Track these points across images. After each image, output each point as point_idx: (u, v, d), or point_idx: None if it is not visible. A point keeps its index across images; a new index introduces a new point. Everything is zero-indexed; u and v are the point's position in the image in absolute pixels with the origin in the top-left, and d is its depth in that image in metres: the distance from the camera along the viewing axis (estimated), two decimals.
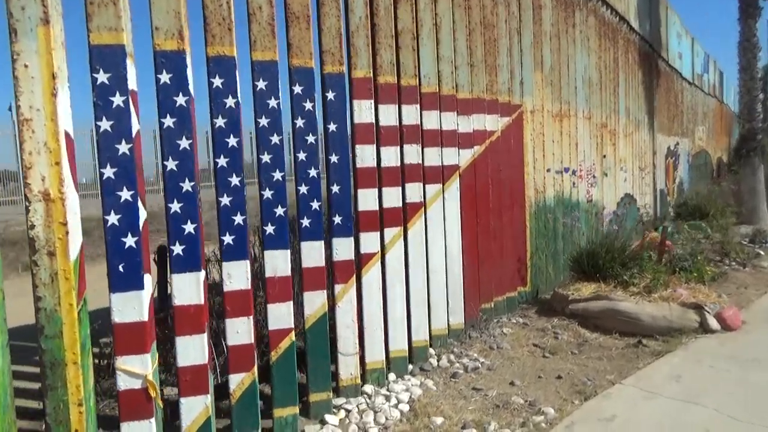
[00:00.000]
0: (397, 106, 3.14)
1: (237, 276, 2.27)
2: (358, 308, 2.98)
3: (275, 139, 2.43)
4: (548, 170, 5.00)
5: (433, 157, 3.50)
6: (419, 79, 3.36)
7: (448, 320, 3.68)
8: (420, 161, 3.35)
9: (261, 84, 2.37)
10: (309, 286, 2.63)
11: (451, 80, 3.64)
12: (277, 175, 2.42)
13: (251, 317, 2.29)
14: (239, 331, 2.28)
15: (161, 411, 2.10)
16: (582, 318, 4.04)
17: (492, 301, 4.12)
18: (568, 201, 5.38)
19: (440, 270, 3.56)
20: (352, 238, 2.83)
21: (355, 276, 2.85)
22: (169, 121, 2.03)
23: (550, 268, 5.05)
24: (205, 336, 2.14)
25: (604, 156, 6.38)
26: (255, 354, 2.33)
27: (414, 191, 3.32)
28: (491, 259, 4.12)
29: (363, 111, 2.92)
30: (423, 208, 3.38)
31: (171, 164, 2.03)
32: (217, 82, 2.20)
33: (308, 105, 2.58)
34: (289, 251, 2.47)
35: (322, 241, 2.65)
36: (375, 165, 2.98)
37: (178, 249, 2.07)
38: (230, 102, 2.21)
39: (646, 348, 3.54)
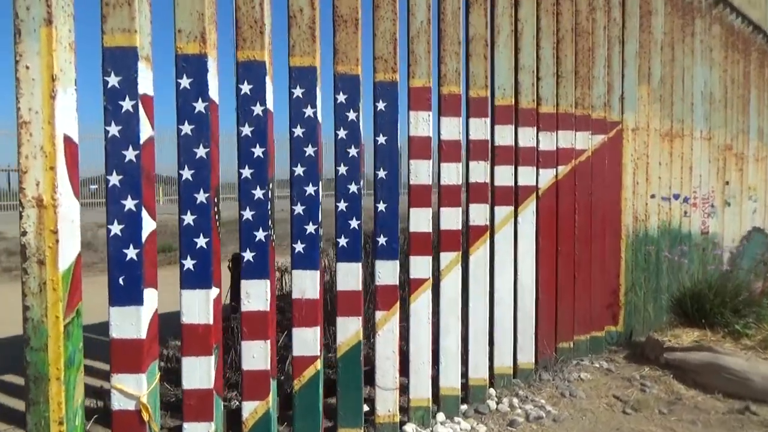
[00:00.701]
0: (461, 119, 2.86)
1: (255, 296, 2.12)
2: (405, 338, 2.72)
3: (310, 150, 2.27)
4: (652, 196, 4.42)
5: (505, 176, 3.16)
6: (491, 91, 3.06)
7: (515, 358, 3.30)
8: (487, 180, 3.03)
9: (297, 92, 2.21)
10: (343, 311, 2.42)
11: (532, 92, 3.29)
12: (310, 189, 2.24)
13: (269, 341, 2.12)
14: (255, 355, 2.12)
15: None
16: (678, 370, 3.46)
17: (571, 340, 3.66)
18: (676, 232, 4.74)
19: (507, 302, 3.20)
20: (397, 262, 2.58)
21: (398, 303, 2.59)
22: (186, 128, 1.92)
23: (649, 307, 4.45)
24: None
25: (727, 183, 5.59)
26: (270, 381, 2.15)
27: (478, 213, 3.01)
28: (573, 292, 3.67)
29: (420, 123, 2.68)
30: (489, 232, 3.05)
31: (186, 173, 1.92)
32: (246, 88, 2.07)
33: (352, 115, 2.38)
34: (318, 272, 2.28)
35: (360, 263, 2.43)
36: (430, 182, 2.72)
37: (189, 263, 1.95)
38: (258, 110, 2.07)
39: (755, 416, 2.93)
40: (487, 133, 3.01)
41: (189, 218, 1.92)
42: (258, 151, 2.08)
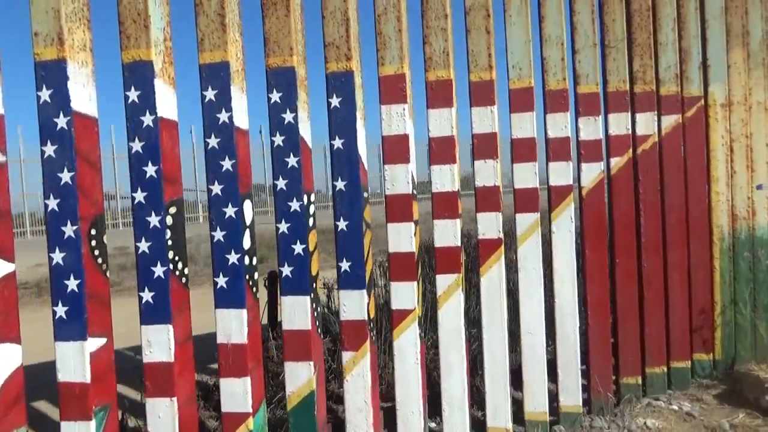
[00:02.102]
0: (452, 109, 2.31)
1: (157, 343, 1.76)
2: (390, 382, 2.24)
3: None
4: (758, 187, 3.49)
5: (527, 176, 2.55)
6: (495, 72, 2.47)
7: (556, 400, 2.67)
8: (497, 183, 2.45)
9: (210, 94, 1.83)
10: (291, 355, 2.00)
11: (562, 70, 2.64)
12: (230, 212, 1.84)
13: (175, 399, 1.76)
14: (161, 415, 1.76)
15: None
16: None
17: (639, 375, 2.92)
18: None
19: (537, 331, 2.58)
20: (364, 291, 2.10)
21: (369, 342, 2.12)
22: (49, 149, 1.61)
23: (762, 328, 3.51)
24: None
25: None
26: None
27: (489, 224, 2.44)
28: (640, 314, 2.93)
29: (393, 119, 2.18)
30: (502, 247, 2.46)
31: (52, 203, 1.62)
32: (133, 95, 1.72)
33: (289, 117, 1.96)
34: (245, 311, 1.88)
35: (308, 297, 1.99)
36: (410, 191, 2.21)
37: (60, 311, 1.64)
38: (148, 120, 1.71)
39: None
40: (494, 124, 2.43)
41: (57, 257, 1.61)
42: (151, 170, 1.73)
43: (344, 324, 2.11)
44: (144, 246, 1.76)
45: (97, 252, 1.67)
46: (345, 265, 2.09)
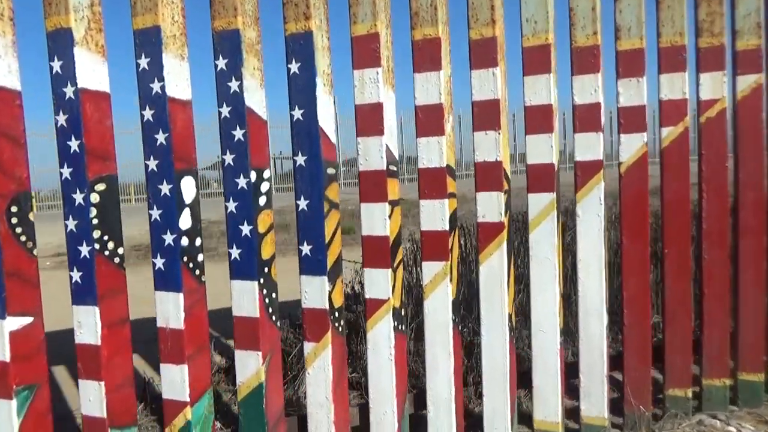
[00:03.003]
0: (440, 73, 2.00)
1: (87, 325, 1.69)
2: (365, 377, 2.04)
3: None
4: None
5: (541, 149, 2.19)
6: (500, 27, 2.12)
7: (579, 407, 2.32)
8: (499, 158, 2.12)
9: (143, 62, 1.69)
10: (241, 344, 1.85)
11: (591, 22, 2.21)
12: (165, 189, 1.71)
13: (102, 383, 1.68)
14: (91, 399, 1.70)
15: None
16: None
17: (689, 387, 2.46)
18: None
19: (550, 329, 2.23)
20: (325, 278, 1.90)
21: (330, 333, 1.92)
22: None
23: None
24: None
25: None
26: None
27: (489, 205, 2.12)
28: (692, 315, 2.46)
29: (366, 86, 1.93)
30: (504, 233, 2.14)
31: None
32: (56, 65, 1.62)
33: (234, 85, 1.78)
34: (181, 294, 1.75)
35: (257, 282, 1.82)
36: (384, 167, 1.95)
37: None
38: (69, 92, 1.61)
39: None
40: (497, 89, 2.09)
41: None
42: (74, 145, 1.63)
43: (306, 312, 1.93)
44: (71, 224, 1.69)
45: (19, 230, 1.62)
46: (306, 249, 1.90)
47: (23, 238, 1.61)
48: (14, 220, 1.59)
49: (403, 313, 2.03)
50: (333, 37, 1.91)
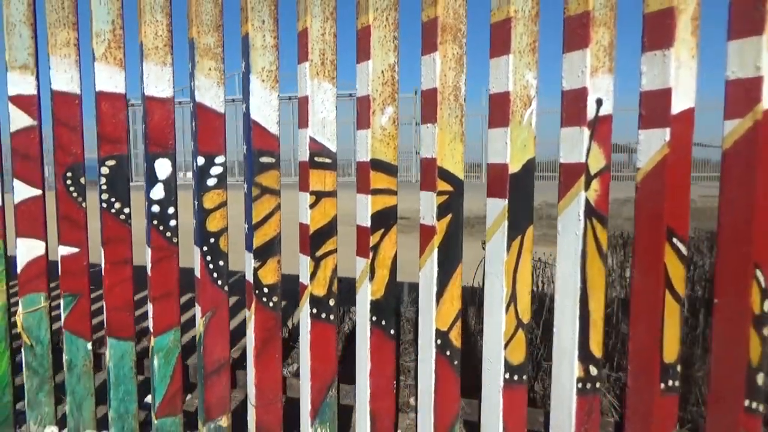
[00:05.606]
0: (369, 62, 1.89)
1: None
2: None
3: None
4: None
5: (496, 147, 1.82)
6: (443, 6, 1.82)
7: None
8: (433, 154, 1.87)
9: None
10: (196, 299, 2.23)
11: None
12: None
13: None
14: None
15: None
16: None
17: None
18: None
19: (494, 360, 1.87)
20: (251, 254, 2.10)
21: (254, 304, 2.11)
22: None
23: None
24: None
25: None
26: None
27: (426, 206, 1.92)
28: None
29: (300, 80, 2.01)
30: (434, 238, 1.89)
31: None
32: None
33: (192, 84, 2.13)
34: (149, 249, 2.22)
35: (200, 249, 2.16)
36: (308, 158, 1.99)
37: None
38: None
39: None
40: (436, 77, 1.84)
41: None
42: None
43: (246, 283, 2.16)
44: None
45: (72, 188, 2.36)
46: (245, 228, 2.13)
47: (75, 195, 2.37)
48: (68, 182, 2.36)
49: (331, 304, 2.06)
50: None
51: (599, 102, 1.70)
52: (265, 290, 2.11)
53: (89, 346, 2.39)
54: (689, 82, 1.63)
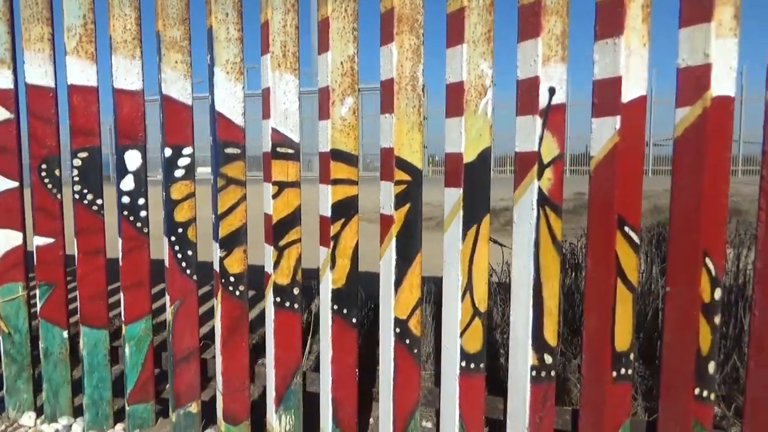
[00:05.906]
0: (328, 54, 1.91)
1: None
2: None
3: None
4: None
5: (452, 137, 1.84)
6: None
7: None
8: (390, 144, 1.89)
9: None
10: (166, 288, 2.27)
11: None
12: None
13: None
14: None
15: None
16: None
17: None
18: None
19: (451, 347, 1.88)
20: (217, 244, 2.13)
21: (220, 292, 2.14)
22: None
23: None
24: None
25: None
26: None
27: (385, 195, 1.94)
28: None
29: (263, 71, 2.03)
30: (392, 227, 1.91)
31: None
32: None
33: (159, 77, 2.16)
34: (120, 240, 2.26)
35: (167, 239, 2.19)
36: (270, 148, 2.02)
37: None
38: None
39: None
40: (392, 68, 1.86)
41: None
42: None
43: (214, 273, 2.20)
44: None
45: (47, 180, 2.40)
46: (212, 217, 2.16)
47: (50, 186, 2.41)
48: (43, 174, 2.40)
49: (295, 292, 2.08)
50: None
51: (552, 91, 1.70)
52: (231, 279, 2.14)
53: (65, 334, 2.44)
54: (640, 71, 1.63)
